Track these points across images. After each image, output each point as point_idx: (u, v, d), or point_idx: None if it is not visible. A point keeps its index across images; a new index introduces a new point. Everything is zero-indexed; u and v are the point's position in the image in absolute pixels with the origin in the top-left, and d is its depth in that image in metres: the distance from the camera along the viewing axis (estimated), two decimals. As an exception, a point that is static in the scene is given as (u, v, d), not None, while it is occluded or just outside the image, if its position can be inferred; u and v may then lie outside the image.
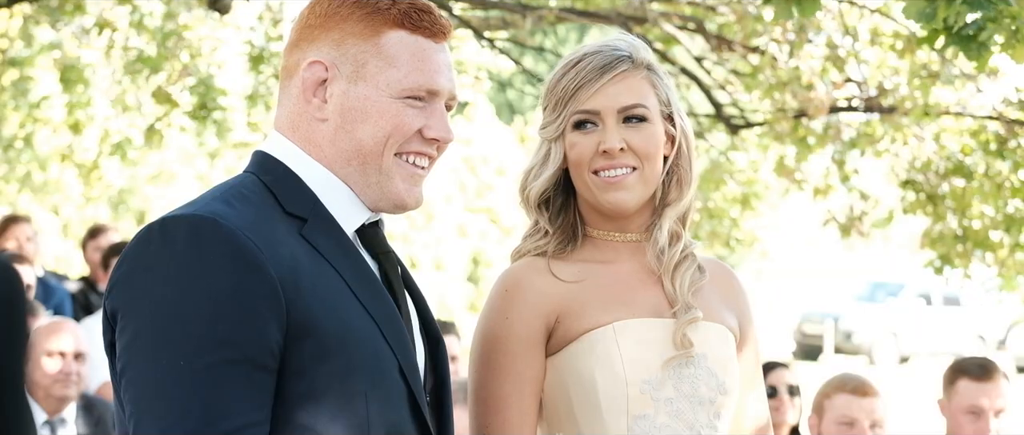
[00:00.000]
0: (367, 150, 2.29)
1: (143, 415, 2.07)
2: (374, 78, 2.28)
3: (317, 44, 2.31)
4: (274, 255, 2.13)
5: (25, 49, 10.44)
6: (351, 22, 2.29)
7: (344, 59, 2.29)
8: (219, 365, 2.06)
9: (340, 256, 2.25)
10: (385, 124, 2.28)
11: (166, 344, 2.07)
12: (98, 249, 7.98)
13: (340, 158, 2.30)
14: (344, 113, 2.28)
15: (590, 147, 2.67)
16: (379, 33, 2.29)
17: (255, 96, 10.02)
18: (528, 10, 8.23)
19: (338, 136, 2.29)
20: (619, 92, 2.67)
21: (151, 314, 2.09)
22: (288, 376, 2.13)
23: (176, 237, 2.12)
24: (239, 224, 2.14)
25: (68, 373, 5.62)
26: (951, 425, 4.88)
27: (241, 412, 2.07)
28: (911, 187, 8.19)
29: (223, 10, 8.17)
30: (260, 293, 2.09)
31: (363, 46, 2.29)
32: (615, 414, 2.60)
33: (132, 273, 2.14)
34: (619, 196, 2.67)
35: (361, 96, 2.28)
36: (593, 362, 2.61)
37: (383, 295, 2.28)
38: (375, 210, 2.35)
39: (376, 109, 2.28)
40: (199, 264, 2.09)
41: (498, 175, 22.34)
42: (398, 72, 2.28)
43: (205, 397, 2.05)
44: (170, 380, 2.06)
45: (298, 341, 2.13)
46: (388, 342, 2.23)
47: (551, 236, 2.73)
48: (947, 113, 7.76)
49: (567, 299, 2.66)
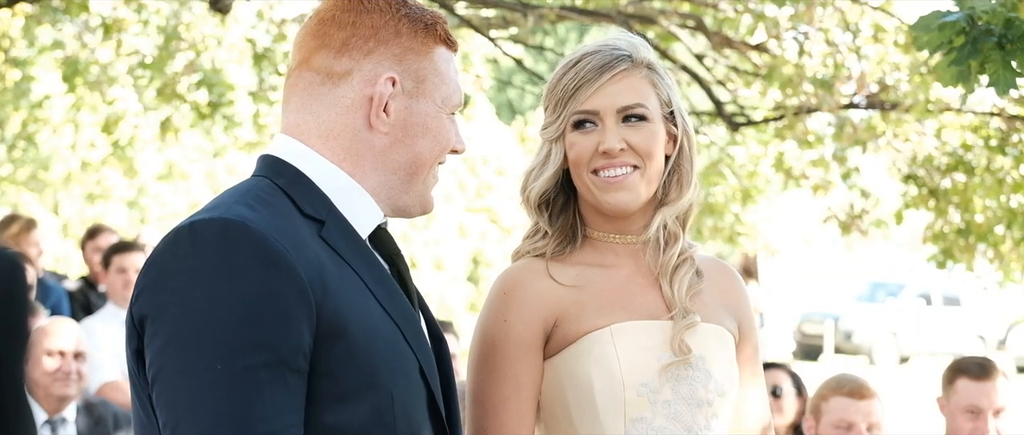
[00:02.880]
0: (422, 162, 2.35)
1: (180, 421, 2.06)
2: (431, 94, 2.34)
3: (376, 57, 2.31)
4: (302, 257, 2.13)
5: (28, 49, 10.44)
6: (406, 37, 2.33)
7: (406, 74, 2.32)
8: (255, 369, 2.06)
9: (358, 258, 2.26)
10: (442, 139, 2.36)
11: (200, 348, 2.06)
12: (97, 249, 7.97)
13: (387, 168, 2.33)
14: (407, 127, 2.32)
15: (589, 147, 2.66)
16: (432, 49, 2.35)
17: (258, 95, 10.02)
18: (529, 9, 8.24)
19: (394, 148, 2.32)
20: (618, 92, 2.66)
21: (184, 319, 2.08)
22: (317, 377, 2.13)
23: (206, 241, 2.11)
24: (267, 227, 2.13)
25: (67, 372, 5.62)
26: (950, 424, 4.89)
27: (278, 415, 2.07)
28: (913, 182, 8.20)
29: (224, 10, 8.17)
30: (292, 295, 2.09)
31: (421, 62, 2.34)
32: (612, 416, 2.60)
33: (161, 278, 2.12)
34: (619, 196, 2.66)
35: (423, 112, 2.34)
36: (590, 364, 2.61)
37: (400, 296, 2.30)
38: (399, 215, 2.38)
39: (435, 124, 2.35)
40: (230, 267, 2.08)
41: (498, 175, 22.32)
42: (448, 88, 2.37)
43: (242, 401, 2.04)
44: (206, 384, 2.05)
45: (327, 342, 2.13)
46: (409, 343, 2.24)
47: (550, 237, 2.73)
48: (948, 109, 7.76)
49: (565, 302, 2.65)
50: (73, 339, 5.69)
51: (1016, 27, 3.45)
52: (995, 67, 3.45)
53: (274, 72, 9.86)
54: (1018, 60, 3.44)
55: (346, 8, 2.33)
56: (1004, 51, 3.44)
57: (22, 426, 2.05)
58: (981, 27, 3.45)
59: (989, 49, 3.43)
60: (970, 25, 3.46)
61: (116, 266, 7.08)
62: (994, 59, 3.45)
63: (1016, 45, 3.43)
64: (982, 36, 3.42)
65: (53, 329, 5.72)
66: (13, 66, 10.41)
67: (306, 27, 2.37)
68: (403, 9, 2.34)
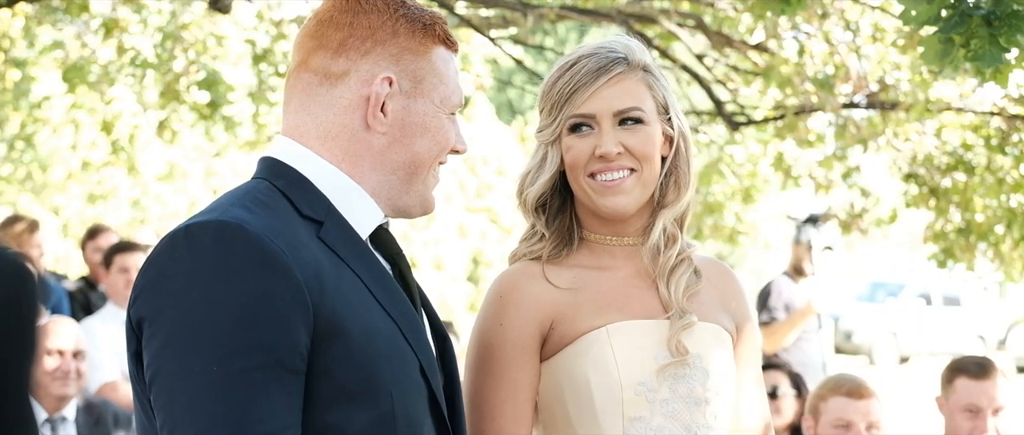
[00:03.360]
0: (421, 162, 2.34)
1: (177, 423, 2.07)
2: (429, 94, 2.34)
3: (373, 57, 2.31)
4: (298, 258, 2.14)
5: (28, 49, 10.45)
6: (404, 37, 2.33)
7: (404, 74, 2.32)
8: (252, 370, 2.06)
9: (357, 258, 2.26)
10: (441, 139, 2.35)
11: (197, 350, 2.06)
12: (97, 249, 7.98)
13: (385, 168, 2.32)
14: (405, 127, 2.32)
15: (586, 151, 2.66)
16: (430, 50, 2.34)
17: (257, 95, 10.02)
18: (529, 9, 8.24)
19: (393, 148, 2.32)
20: (614, 95, 2.66)
21: (181, 321, 2.08)
22: (315, 377, 2.13)
23: (202, 243, 2.12)
24: (263, 229, 2.14)
25: (67, 371, 5.63)
26: (949, 423, 4.89)
27: (275, 416, 2.07)
28: (913, 181, 8.20)
29: (224, 10, 8.17)
30: (288, 296, 2.10)
31: (419, 62, 2.33)
32: (611, 416, 2.60)
33: (159, 280, 2.13)
34: (616, 201, 2.66)
35: (420, 111, 2.33)
36: (587, 365, 2.61)
37: (400, 295, 2.29)
38: (399, 215, 2.38)
39: (434, 124, 2.34)
40: (227, 269, 2.09)
41: (498, 175, 22.32)
42: (447, 89, 2.36)
43: (238, 402, 2.04)
44: (203, 386, 2.05)
45: (325, 342, 2.13)
46: (409, 342, 2.24)
47: (547, 240, 2.73)
48: (949, 108, 7.76)
49: (561, 304, 2.65)
50: (72, 338, 5.71)
51: (1006, 4, 3.43)
52: (981, 43, 3.43)
53: (274, 73, 9.86)
54: (1005, 37, 3.43)
55: (344, 9, 2.33)
56: (991, 27, 3.42)
57: (23, 428, 2.05)
58: (970, 1, 3.43)
59: (976, 24, 3.41)
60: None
61: (118, 266, 7.08)
62: (981, 35, 3.43)
63: (1004, 22, 3.41)
64: (970, 10, 3.41)
65: (53, 328, 5.73)
66: (13, 66, 10.41)
67: (305, 28, 2.38)
68: (401, 9, 2.34)
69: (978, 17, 3.42)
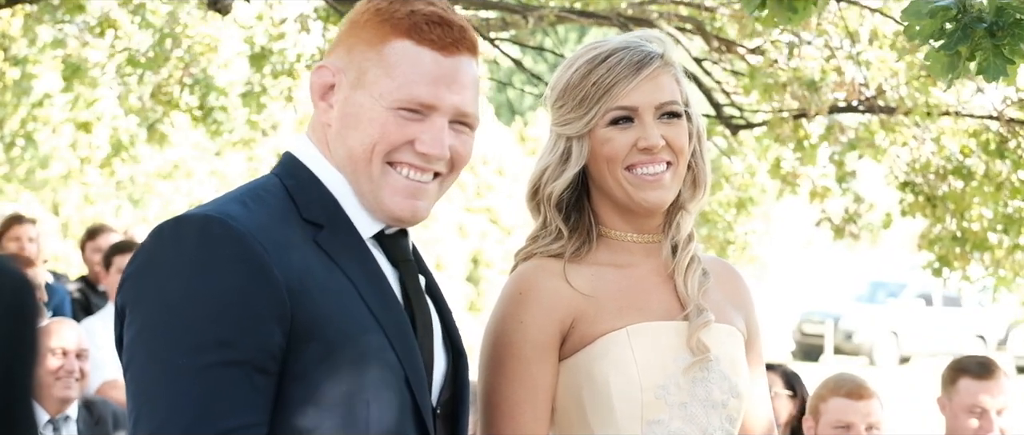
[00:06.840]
0: (356, 157, 2.26)
1: (140, 411, 2.08)
2: (371, 86, 2.26)
3: (338, 49, 2.32)
4: (282, 259, 2.13)
5: (28, 48, 10.44)
6: (365, 30, 2.28)
7: (350, 66, 2.28)
8: (218, 366, 2.05)
9: (355, 263, 2.23)
10: (372, 132, 2.24)
11: (167, 342, 2.07)
12: (97, 249, 7.97)
13: (341, 164, 2.29)
14: (342, 119, 2.27)
15: (626, 143, 2.63)
16: (385, 42, 2.26)
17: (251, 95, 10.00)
18: (529, 10, 8.24)
19: (336, 142, 2.29)
20: (655, 88, 2.64)
21: (155, 311, 2.10)
22: (289, 380, 2.12)
23: (186, 236, 2.13)
24: (250, 226, 2.13)
25: (70, 371, 5.63)
26: (951, 424, 4.87)
27: (237, 413, 2.06)
28: (910, 189, 8.19)
29: (224, 10, 8.16)
30: (264, 296, 2.09)
31: (367, 54, 2.27)
32: (629, 419, 2.57)
33: (142, 269, 2.15)
34: (656, 195, 2.64)
35: (357, 103, 2.26)
36: (607, 366, 2.58)
37: (395, 304, 2.25)
38: (384, 219, 2.31)
39: (367, 117, 2.25)
40: (205, 264, 2.10)
41: (498, 175, 22.32)
42: (392, 83, 2.24)
43: (201, 397, 2.04)
44: (168, 378, 2.06)
45: (301, 345, 2.12)
46: (396, 352, 2.19)
47: (566, 238, 2.69)
48: (947, 114, 7.75)
49: (582, 303, 2.62)
50: (75, 338, 5.71)
51: (1008, 15, 3.44)
52: (986, 54, 3.44)
53: (271, 74, 9.85)
54: (1009, 48, 3.43)
55: (357, 7, 2.35)
56: (995, 38, 3.43)
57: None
58: (972, 14, 3.44)
59: (980, 36, 3.42)
60: (961, 11, 3.46)
61: (118, 266, 7.08)
62: (985, 47, 3.44)
63: (1007, 33, 3.42)
64: (973, 23, 3.42)
65: (55, 328, 5.74)
66: (13, 65, 10.40)
67: None
68: (383, 3, 2.30)
69: (981, 30, 3.43)
